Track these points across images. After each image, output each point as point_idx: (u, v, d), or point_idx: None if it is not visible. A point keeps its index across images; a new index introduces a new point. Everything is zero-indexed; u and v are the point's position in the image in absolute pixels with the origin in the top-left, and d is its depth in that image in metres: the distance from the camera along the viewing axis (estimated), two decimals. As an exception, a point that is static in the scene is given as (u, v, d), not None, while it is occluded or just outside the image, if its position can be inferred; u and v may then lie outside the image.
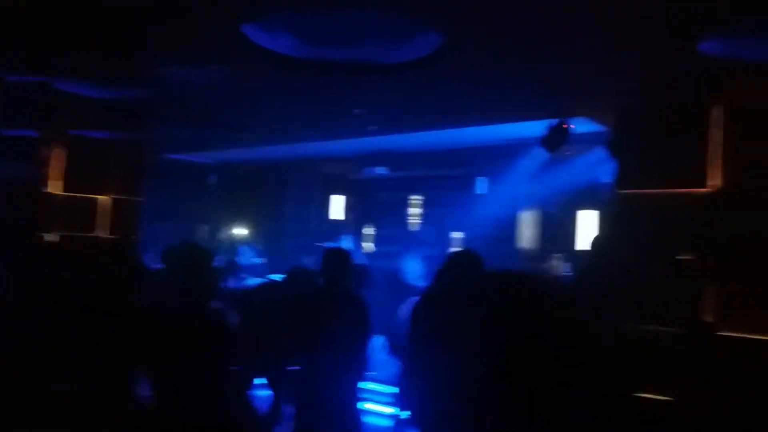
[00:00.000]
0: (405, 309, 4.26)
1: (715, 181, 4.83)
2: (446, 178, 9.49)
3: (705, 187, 4.83)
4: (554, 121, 5.41)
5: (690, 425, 3.64)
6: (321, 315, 3.82)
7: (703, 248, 4.80)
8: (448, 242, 9.40)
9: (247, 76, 4.64)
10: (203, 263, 3.56)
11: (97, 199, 6.97)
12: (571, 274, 8.38)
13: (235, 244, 9.76)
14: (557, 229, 8.99)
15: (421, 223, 10.19)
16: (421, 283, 6.64)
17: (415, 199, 10.21)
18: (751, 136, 4.70)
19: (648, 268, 4.90)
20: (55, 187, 6.48)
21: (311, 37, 4.03)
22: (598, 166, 7.48)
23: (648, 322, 4.91)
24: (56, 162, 6.35)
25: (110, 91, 5.00)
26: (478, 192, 8.97)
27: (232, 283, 7.57)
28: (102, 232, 6.95)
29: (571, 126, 5.37)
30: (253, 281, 7.13)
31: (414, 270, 7.84)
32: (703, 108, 4.82)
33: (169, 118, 5.95)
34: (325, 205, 11.02)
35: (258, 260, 8.70)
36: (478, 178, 8.98)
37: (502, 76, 4.48)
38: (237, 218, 10.50)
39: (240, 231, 10.02)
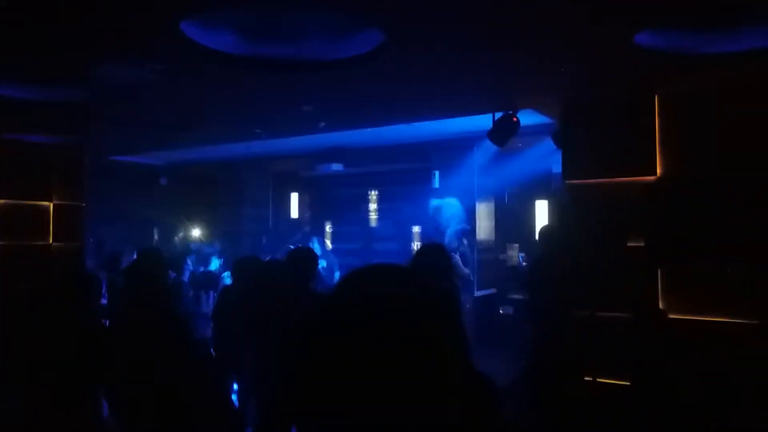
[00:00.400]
0: None
1: (657, 169, 4.93)
2: (402, 173, 9.49)
3: (649, 176, 4.93)
4: (501, 114, 5.43)
5: (645, 407, 3.70)
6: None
7: (651, 235, 4.91)
8: (407, 236, 9.44)
9: (189, 75, 4.52)
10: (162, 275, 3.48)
11: (38, 205, 6.75)
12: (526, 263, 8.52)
13: (190, 247, 9.58)
14: (513, 220, 9.12)
15: (379, 218, 10.18)
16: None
17: (372, 194, 10.19)
18: (688, 125, 4.82)
19: (598, 256, 5.00)
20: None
21: (252, 35, 3.95)
22: (551, 157, 7.61)
23: (599, 308, 5.02)
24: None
25: (46, 93, 4.80)
26: (435, 186, 9.00)
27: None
28: (45, 240, 6.74)
29: (515, 119, 5.39)
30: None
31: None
32: (643, 99, 4.92)
33: (110, 120, 5.76)
34: (282, 203, 10.91)
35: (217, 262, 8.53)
36: (434, 171, 9.00)
37: (449, 71, 4.47)
38: (191, 220, 10.29)
39: (195, 233, 9.81)
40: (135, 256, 6.51)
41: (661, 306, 4.88)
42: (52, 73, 4.38)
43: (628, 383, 4.30)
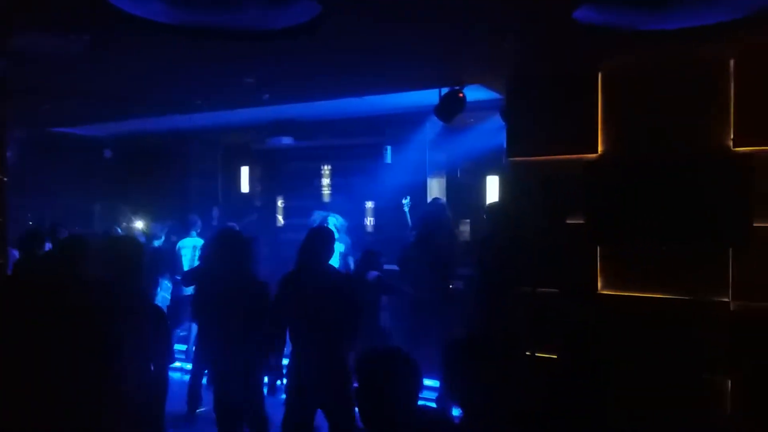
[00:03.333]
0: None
1: (598, 147, 4.96)
2: (354, 147, 9.38)
3: (590, 154, 4.95)
4: (447, 90, 5.36)
5: (575, 381, 3.75)
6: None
7: (591, 212, 4.95)
8: (360, 212, 9.38)
9: (117, 45, 4.30)
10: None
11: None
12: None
13: (135, 222, 9.32)
14: (465, 195, 9.12)
15: (332, 193, 10.07)
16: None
17: (325, 168, 10.06)
18: (630, 102, 4.84)
19: (539, 233, 5.02)
20: None
21: (181, 3, 3.76)
22: (502, 132, 7.59)
23: (540, 285, 5.06)
24: None
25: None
26: (387, 161, 8.93)
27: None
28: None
29: (461, 95, 5.33)
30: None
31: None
32: (586, 76, 4.91)
33: (35, 92, 5.48)
34: (232, 177, 10.68)
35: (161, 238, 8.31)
36: (386, 146, 8.92)
37: (390, 45, 4.37)
38: (137, 195, 9.99)
39: (139, 208, 9.54)
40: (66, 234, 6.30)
41: (598, 282, 4.95)
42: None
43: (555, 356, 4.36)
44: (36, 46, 4.16)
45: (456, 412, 4.22)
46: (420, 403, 2.20)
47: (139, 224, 8.64)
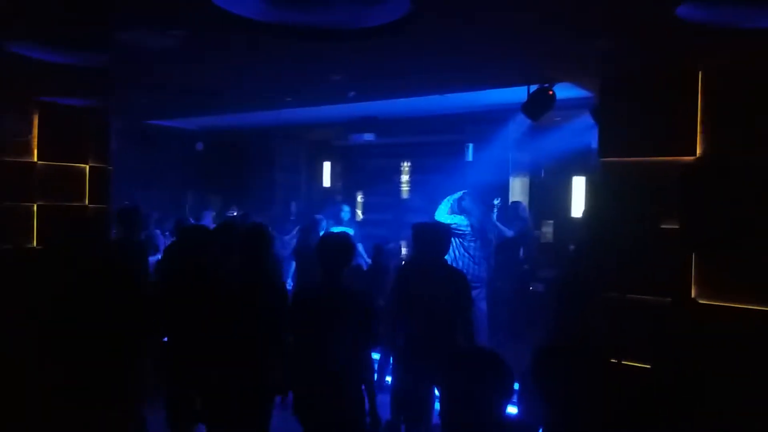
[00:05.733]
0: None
1: (697, 149, 4.71)
2: (435, 144, 9.36)
3: (688, 156, 4.72)
4: (536, 87, 5.25)
5: (670, 392, 3.60)
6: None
7: (688, 217, 4.72)
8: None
9: (214, 42, 4.48)
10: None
11: (75, 167, 6.89)
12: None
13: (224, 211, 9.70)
14: (549, 196, 8.91)
15: (411, 190, 10.11)
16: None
17: (405, 165, 10.11)
18: (732, 103, 4.57)
19: (631, 237, 4.83)
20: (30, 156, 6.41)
21: (278, 1, 3.87)
22: (590, 132, 7.36)
23: (630, 291, 4.88)
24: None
25: (72, 58, 4.83)
26: (468, 159, 8.86)
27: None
28: (81, 201, 6.90)
29: (550, 92, 5.20)
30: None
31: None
32: (685, 75, 4.67)
33: (135, 85, 5.80)
34: (315, 172, 10.92)
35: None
36: (468, 144, 8.85)
37: (479, 42, 4.32)
38: (226, 186, 10.40)
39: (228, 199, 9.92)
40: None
41: (693, 291, 4.72)
42: (77, 38, 4.40)
43: (649, 365, 4.19)
44: (137, 41, 4.38)
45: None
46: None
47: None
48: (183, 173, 10.34)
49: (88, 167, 6.93)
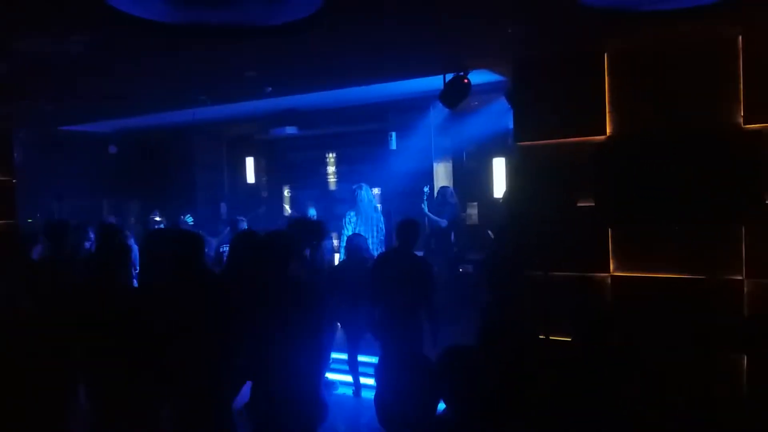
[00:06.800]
0: None
1: (606, 129, 4.91)
2: (359, 134, 9.34)
3: (599, 136, 4.91)
4: (451, 76, 5.31)
5: (590, 363, 3.75)
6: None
7: (602, 194, 4.92)
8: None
9: (118, 45, 4.28)
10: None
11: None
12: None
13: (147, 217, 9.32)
14: (472, 179, 9.08)
15: (338, 181, 10.05)
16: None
17: (330, 156, 10.04)
18: (637, 83, 4.78)
19: (549, 216, 4.99)
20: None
21: (183, 1, 3.73)
22: (507, 115, 7.54)
23: (552, 269, 5.05)
24: None
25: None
26: (392, 147, 8.89)
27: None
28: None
29: (465, 80, 5.27)
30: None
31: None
32: (592, 58, 4.85)
33: (37, 93, 5.47)
34: (237, 169, 10.67)
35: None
36: (391, 132, 8.88)
37: (393, 33, 4.32)
38: (144, 189, 10.00)
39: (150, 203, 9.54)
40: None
41: (610, 264, 4.94)
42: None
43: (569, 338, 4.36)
44: (35, 48, 4.14)
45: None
46: None
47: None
48: (99, 179, 9.86)
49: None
